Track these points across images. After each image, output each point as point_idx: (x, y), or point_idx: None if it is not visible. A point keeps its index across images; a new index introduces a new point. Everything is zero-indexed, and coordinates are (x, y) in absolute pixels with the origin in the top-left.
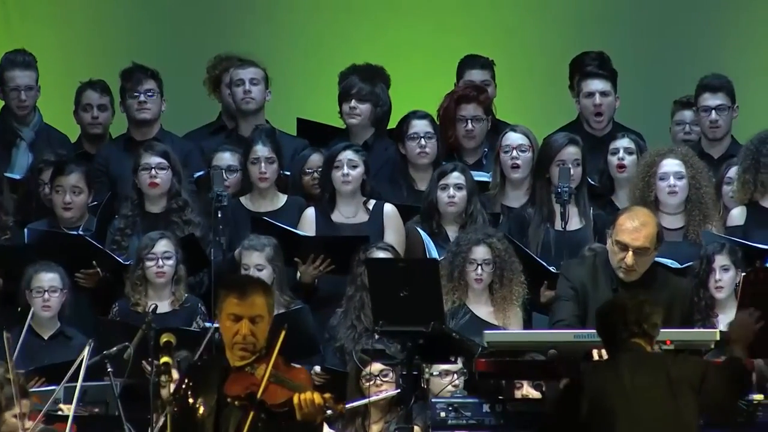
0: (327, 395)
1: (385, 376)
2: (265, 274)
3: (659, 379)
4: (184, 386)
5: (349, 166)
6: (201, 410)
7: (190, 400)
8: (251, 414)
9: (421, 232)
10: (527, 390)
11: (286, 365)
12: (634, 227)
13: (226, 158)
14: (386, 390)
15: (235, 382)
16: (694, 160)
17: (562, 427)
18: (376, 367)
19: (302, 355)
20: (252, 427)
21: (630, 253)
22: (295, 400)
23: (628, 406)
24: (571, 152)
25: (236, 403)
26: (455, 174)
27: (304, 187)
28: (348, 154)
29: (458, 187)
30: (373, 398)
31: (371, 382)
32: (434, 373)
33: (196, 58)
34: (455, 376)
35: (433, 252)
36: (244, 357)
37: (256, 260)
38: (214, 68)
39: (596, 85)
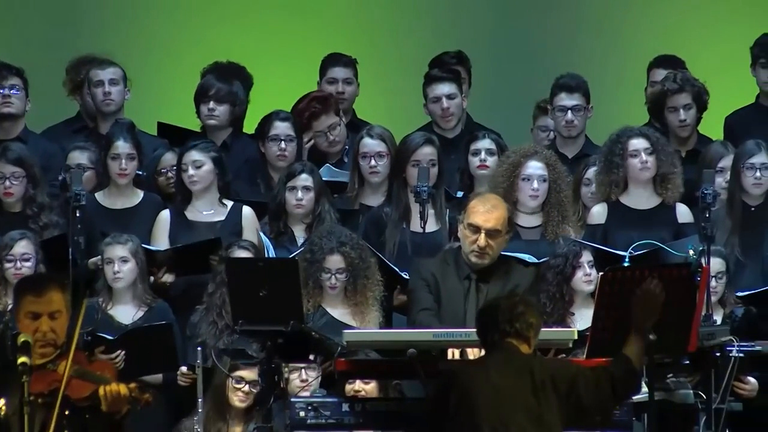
0: (132, 385)
1: (254, 387)
2: (130, 267)
3: (524, 379)
4: None
5: (194, 167)
6: (4, 410)
7: None
8: (56, 410)
9: (262, 234)
10: (359, 385)
11: (88, 359)
12: (486, 209)
13: (75, 157)
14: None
15: (37, 380)
16: (557, 164)
17: (433, 425)
18: (248, 374)
19: (162, 371)
20: (57, 423)
21: (482, 234)
22: (101, 392)
23: (494, 406)
24: (427, 152)
25: (39, 400)
26: (303, 176)
27: (159, 186)
28: (192, 155)
29: (306, 189)
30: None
31: (241, 386)
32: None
33: (55, 55)
34: (303, 371)
35: (272, 254)
36: (45, 354)
37: (120, 253)
38: (76, 72)
39: (441, 89)
